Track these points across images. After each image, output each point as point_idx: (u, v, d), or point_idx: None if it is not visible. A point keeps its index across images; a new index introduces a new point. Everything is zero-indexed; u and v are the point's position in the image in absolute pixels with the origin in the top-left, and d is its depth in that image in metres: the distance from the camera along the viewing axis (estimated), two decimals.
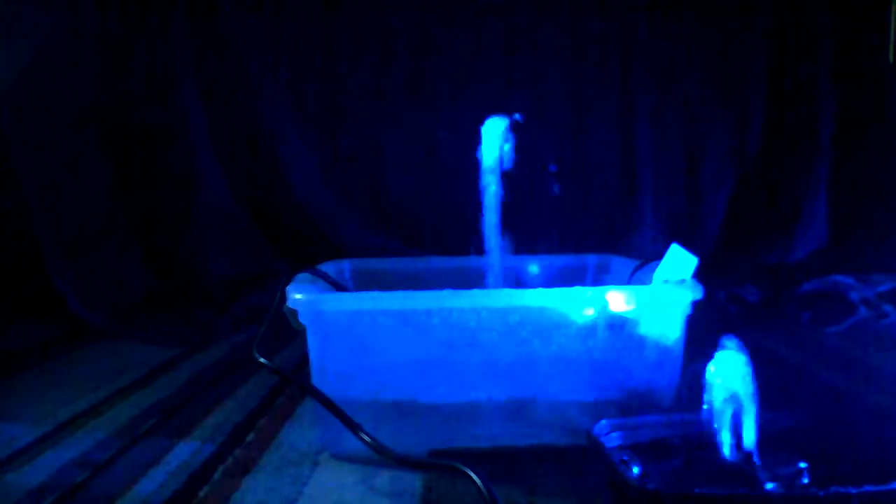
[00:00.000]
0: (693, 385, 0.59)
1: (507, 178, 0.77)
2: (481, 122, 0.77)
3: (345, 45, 1.37)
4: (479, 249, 0.79)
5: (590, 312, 0.65)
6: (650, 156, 1.40)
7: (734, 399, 0.55)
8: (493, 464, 0.63)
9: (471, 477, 0.56)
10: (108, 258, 1.24)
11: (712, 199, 1.41)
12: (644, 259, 0.83)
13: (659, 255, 0.70)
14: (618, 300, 0.65)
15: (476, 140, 0.77)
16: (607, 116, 1.40)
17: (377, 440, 0.62)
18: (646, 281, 0.74)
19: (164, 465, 0.65)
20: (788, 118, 1.39)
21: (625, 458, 0.56)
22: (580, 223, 1.39)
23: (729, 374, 0.55)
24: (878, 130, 1.37)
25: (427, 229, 1.38)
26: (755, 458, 0.54)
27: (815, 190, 1.38)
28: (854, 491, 0.50)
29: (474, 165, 0.77)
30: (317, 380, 0.66)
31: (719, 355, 0.56)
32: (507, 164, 0.76)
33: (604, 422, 0.62)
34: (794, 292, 1.23)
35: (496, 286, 0.78)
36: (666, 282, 0.68)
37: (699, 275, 0.67)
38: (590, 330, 0.66)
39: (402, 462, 0.62)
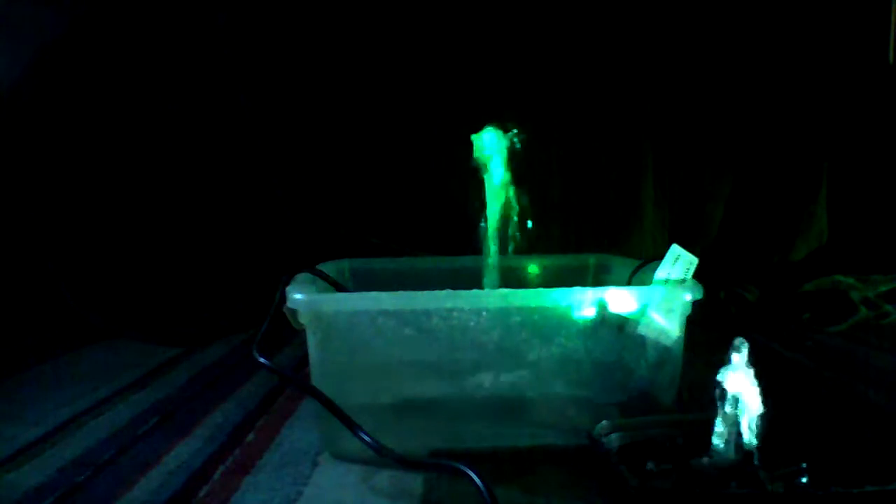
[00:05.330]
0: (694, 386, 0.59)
1: (507, 177, 0.77)
2: (480, 122, 0.77)
3: (344, 47, 1.37)
4: (479, 249, 0.79)
5: (590, 312, 0.65)
6: (650, 155, 1.40)
7: (736, 399, 0.55)
8: (493, 464, 0.63)
9: (471, 477, 0.56)
10: (108, 258, 1.24)
11: (712, 199, 1.41)
12: (644, 259, 0.83)
13: (659, 256, 0.70)
14: (618, 300, 0.65)
15: (475, 139, 0.77)
16: (608, 116, 1.40)
17: (377, 440, 0.62)
18: (646, 281, 0.74)
19: (164, 465, 0.65)
20: (788, 118, 1.39)
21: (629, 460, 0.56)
22: (580, 223, 1.39)
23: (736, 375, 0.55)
24: (878, 130, 1.37)
25: (427, 229, 1.38)
26: (755, 458, 0.54)
27: (815, 190, 1.38)
28: (854, 491, 0.50)
29: (474, 165, 0.77)
30: (317, 380, 0.66)
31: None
32: (505, 159, 0.76)
33: (604, 422, 0.62)
34: (794, 292, 1.23)
35: (496, 286, 0.78)
36: (666, 282, 0.68)
37: (699, 275, 0.67)
38: (590, 330, 0.66)
39: (402, 462, 0.62)
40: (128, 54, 1.27)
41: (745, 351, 0.55)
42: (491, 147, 0.75)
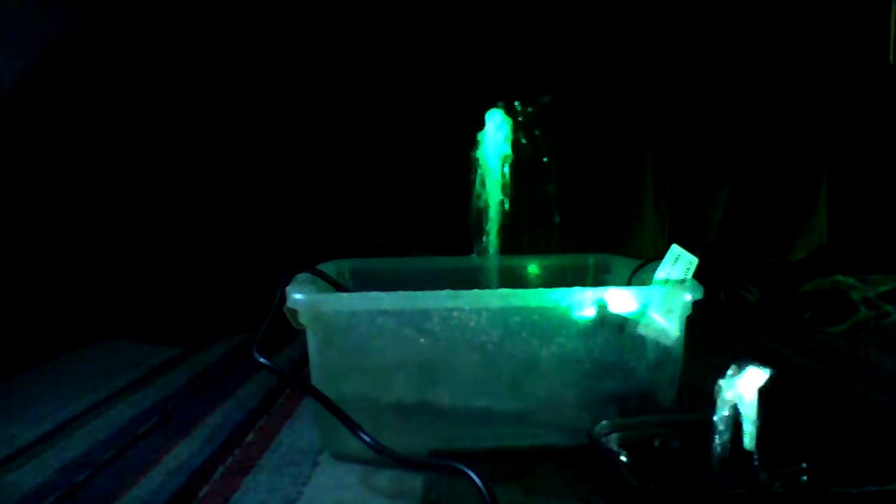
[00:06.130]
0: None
1: (508, 177, 0.77)
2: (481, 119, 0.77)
3: (345, 47, 1.37)
4: (479, 249, 0.79)
5: (590, 312, 0.65)
6: (650, 155, 1.40)
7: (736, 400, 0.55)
8: (493, 464, 0.63)
9: (471, 477, 0.56)
10: (108, 258, 1.24)
11: (712, 199, 1.41)
12: (644, 259, 0.83)
13: (659, 256, 0.70)
14: (618, 300, 0.65)
15: (476, 139, 0.77)
16: (608, 116, 1.40)
17: (377, 440, 0.62)
18: (646, 281, 0.74)
19: (163, 465, 0.65)
20: (788, 118, 1.39)
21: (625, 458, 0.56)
22: (580, 223, 1.39)
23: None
24: (878, 130, 1.37)
25: (427, 229, 1.38)
26: (755, 458, 0.54)
27: (816, 190, 1.38)
28: (854, 491, 0.50)
29: (474, 165, 0.77)
30: (317, 380, 0.66)
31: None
32: (507, 161, 0.76)
33: (604, 422, 0.62)
34: (794, 292, 1.23)
35: (496, 286, 0.78)
36: (666, 282, 0.68)
37: (699, 275, 0.67)
38: (590, 330, 0.66)
39: (402, 462, 0.62)
40: (129, 54, 1.28)
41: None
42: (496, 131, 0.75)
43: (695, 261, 0.68)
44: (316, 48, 1.37)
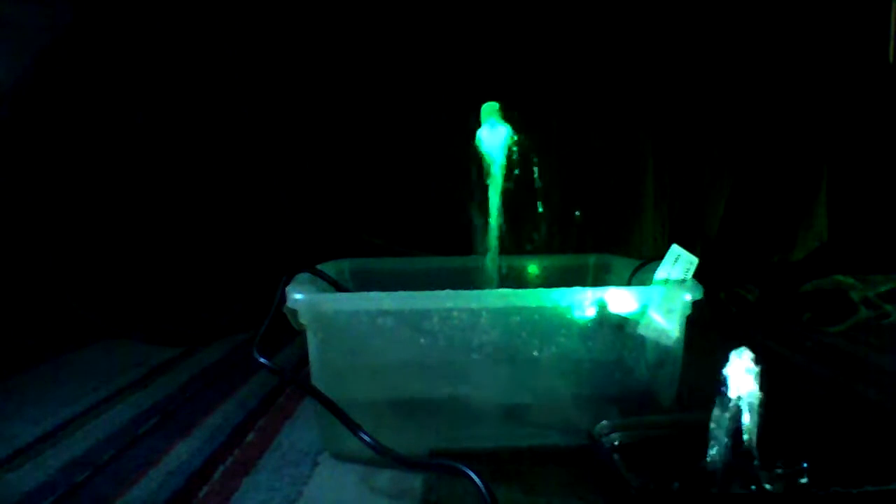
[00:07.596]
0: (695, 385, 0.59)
1: (507, 177, 0.77)
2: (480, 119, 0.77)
3: (345, 48, 1.37)
4: (479, 249, 0.79)
5: (590, 312, 0.65)
6: (650, 155, 1.40)
7: (737, 399, 0.55)
8: (493, 464, 0.63)
9: (471, 477, 0.56)
10: (109, 258, 1.24)
11: (712, 199, 1.41)
12: (644, 259, 0.83)
13: (659, 256, 0.70)
14: (618, 300, 0.65)
15: (475, 139, 0.77)
16: (609, 116, 1.40)
17: (377, 440, 0.62)
18: (646, 281, 0.74)
19: (164, 465, 0.65)
20: (788, 118, 1.39)
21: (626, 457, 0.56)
22: (580, 223, 1.39)
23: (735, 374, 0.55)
24: (877, 130, 1.37)
25: (426, 230, 1.38)
26: (755, 458, 0.54)
27: (815, 190, 1.38)
28: (854, 491, 0.50)
29: (474, 164, 0.77)
30: (317, 380, 0.66)
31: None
32: (505, 159, 0.76)
33: (604, 422, 0.62)
34: (794, 292, 1.23)
35: (496, 286, 0.78)
36: (666, 282, 0.68)
37: (699, 275, 0.67)
38: (590, 330, 0.66)
39: (402, 462, 0.62)
40: (130, 55, 1.28)
41: (746, 356, 0.55)
42: (494, 143, 0.75)
43: (695, 261, 0.68)
44: (316, 49, 1.37)
